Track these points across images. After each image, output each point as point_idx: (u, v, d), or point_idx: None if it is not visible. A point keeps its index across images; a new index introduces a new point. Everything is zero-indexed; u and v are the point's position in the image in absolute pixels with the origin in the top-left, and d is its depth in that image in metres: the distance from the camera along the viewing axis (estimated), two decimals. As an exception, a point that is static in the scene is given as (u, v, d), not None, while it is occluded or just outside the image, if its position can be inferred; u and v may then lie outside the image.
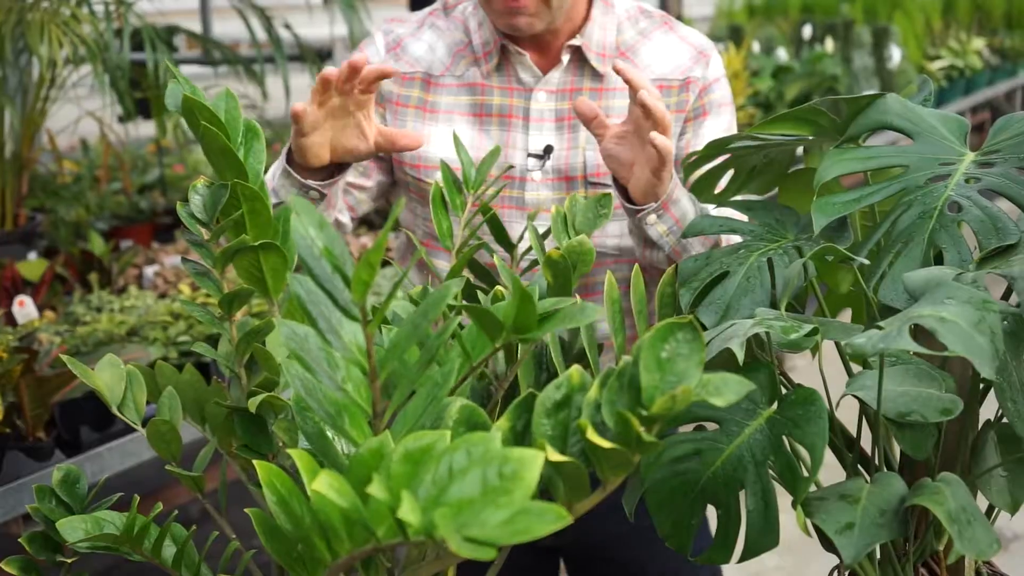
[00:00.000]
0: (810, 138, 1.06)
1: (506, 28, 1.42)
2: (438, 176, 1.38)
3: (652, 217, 1.26)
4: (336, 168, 1.34)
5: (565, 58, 1.45)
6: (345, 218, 1.52)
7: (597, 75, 1.47)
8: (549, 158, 1.45)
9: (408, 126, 1.49)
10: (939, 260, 0.90)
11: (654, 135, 1.15)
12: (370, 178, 1.53)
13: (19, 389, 1.77)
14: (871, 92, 1.00)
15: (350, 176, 1.51)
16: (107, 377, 1.00)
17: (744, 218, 1.14)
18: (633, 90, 1.19)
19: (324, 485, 0.59)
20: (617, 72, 1.21)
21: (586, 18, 1.47)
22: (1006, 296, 0.91)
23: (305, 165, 1.31)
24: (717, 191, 1.28)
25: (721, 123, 1.50)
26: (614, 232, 1.46)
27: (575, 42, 1.45)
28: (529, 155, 1.46)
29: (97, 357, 1.95)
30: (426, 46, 1.51)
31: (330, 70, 1.23)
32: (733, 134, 1.10)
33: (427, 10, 1.56)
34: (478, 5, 1.49)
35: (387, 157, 1.53)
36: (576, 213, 1.10)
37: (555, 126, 1.46)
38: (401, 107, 1.50)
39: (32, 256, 3.02)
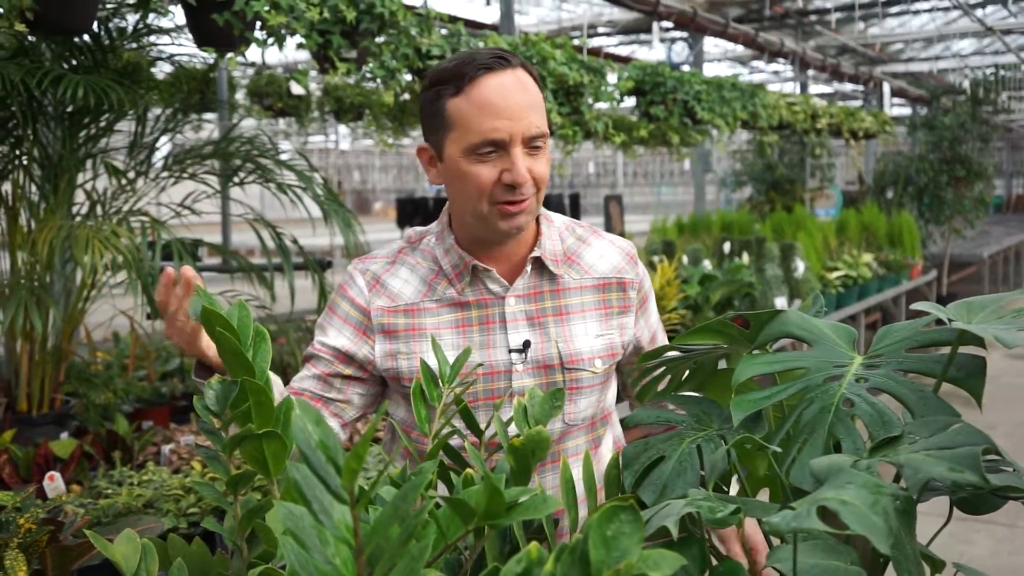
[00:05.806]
0: (724, 346, 1.09)
1: (508, 229, 1.43)
2: None
3: None
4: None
5: (528, 267, 1.50)
6: (333, 423, 1.50)
7: (554, 277, 1.51)
8: (528, 351, 1.47)
9: (402, 347, 1.48)
10: (838, 448, 0.91)
11: None
12: (345, 393, 1.51)
13: (44, 557, 1.71)
14: (779, 299, 1.03)
15: (320, 391, 1.50)
16: (124, 549, 0.97)
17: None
18: None
19: (312, 654, 0.57)
20: None
21: (538, 233, 1.52)
22: (896, 480, 0.92)
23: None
24: (660, 389, 1.29)
25: (652, 304, 1.64)
26: (581, 406, 1.51)
27: (535, 254, 1.50)
28: (511, 351, 1.47)
29: (117, 527, 1.89)
30: (401, 281, 1.51)
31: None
32: (665, 344, 1.13)
33: (395, 247, 1.56)
34: (440, 236, 1.52)
35: (367, 377, 1.52)
36: (534, 406, 1.10)
37: (527, 324, 1.48)
38: (392, 333, 1.48)
39: (64, 435, 2.97)
